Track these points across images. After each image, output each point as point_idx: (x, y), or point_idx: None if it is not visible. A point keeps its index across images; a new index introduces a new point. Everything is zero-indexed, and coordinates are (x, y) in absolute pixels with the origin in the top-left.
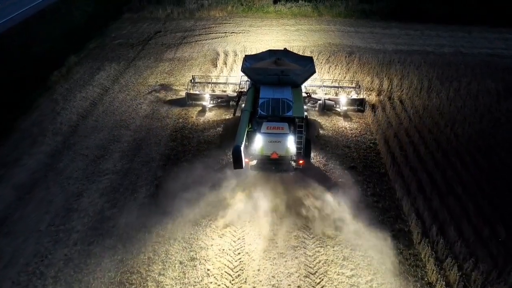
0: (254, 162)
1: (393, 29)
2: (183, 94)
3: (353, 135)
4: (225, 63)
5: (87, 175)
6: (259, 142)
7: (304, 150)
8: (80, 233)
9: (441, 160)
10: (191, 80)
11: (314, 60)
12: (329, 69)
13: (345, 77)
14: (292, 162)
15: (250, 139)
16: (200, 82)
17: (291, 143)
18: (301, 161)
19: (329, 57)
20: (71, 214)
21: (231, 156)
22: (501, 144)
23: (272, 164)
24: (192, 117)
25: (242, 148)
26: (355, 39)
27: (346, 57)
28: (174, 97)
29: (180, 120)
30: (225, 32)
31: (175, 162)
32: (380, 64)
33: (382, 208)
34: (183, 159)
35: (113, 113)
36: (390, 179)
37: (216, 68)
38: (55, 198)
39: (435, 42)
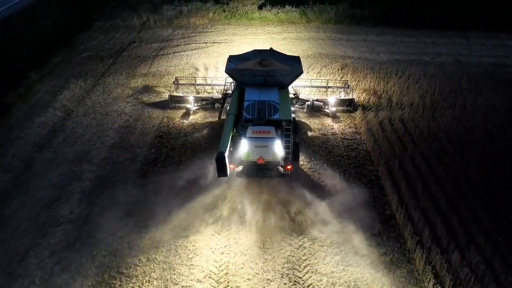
0: (240, 168)
1: (387, 36)
2: (158, 114)
3: (351, 165)
4: (204, 80)
5: (37, 226)
6: (244, 147)
7: (292, 154)
8: None
9: (455, 196)
10: (174, 82)
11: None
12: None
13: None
14: (280, 167)
15: (235, 144)
16: (183, 84)
17: (278, 148)
18: (289, 167)
19: (320, 70)
20: (13, 283)
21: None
22: None
23: (259, 170)
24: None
25: (226, 154)
26: (347, 48)
27: (339, 69)
28: (149, 112)
29: (155, 149)
30: (206, 42)
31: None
32: (376, 78)
33: (391, 262)
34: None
35: (75, 142)
36: (398, 223)
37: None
38: None
39: (432, 50)
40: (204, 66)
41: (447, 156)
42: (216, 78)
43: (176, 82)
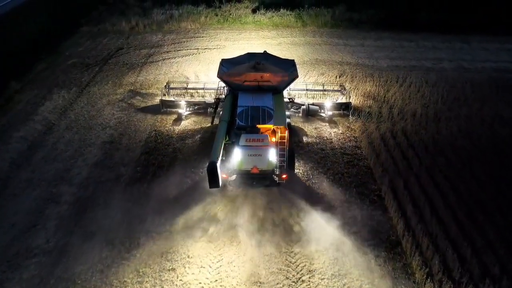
0: (233, 177)
1: (386, 41)
2: (146, 127)
3: (352, 184)
4: (196, 84)
5: (9, 257)
6: (237, 156)
7: (287, 162)
8: None
9: (466, 220)
10: (165, 86)
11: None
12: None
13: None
14: (275, 176)
15: (228, 152)
16: (175, 88)
17: (272, 157)
18: (284, 176)
19: (317, 78)
20: None
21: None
22: None
23: (253, 179)
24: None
25: (218, 164)
26: (344, 53)
27: (337, 77)
28: (136, 126)
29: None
30: (197, 48)
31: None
32: (376, 86)
33: None
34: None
35: (55, 159)
36: (405, 250)
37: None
38: None
39: (433, 55)
40: (194, 74)
41: (455, 173)
42: (208, 83)
43: (167, 86)
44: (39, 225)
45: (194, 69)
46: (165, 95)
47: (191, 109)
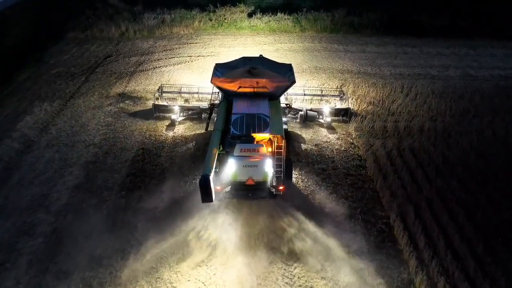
0: (228, 188)
1: (388, 47)
2: (133, 145)
3: (357, 209)
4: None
5: None
6: (232, 167)
7: (284, 172)
8: None
9: (485, 255)
10: (158, 90)
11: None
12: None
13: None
14: (271, 188)
15: (222, 163)
16: (168, 92)
17: (269, 167)
18: (281, 187)
19: (317, 88)
20: None
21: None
22: None
23: (248, 191)
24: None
25: (211, 177)
26: (345, 60)
27: (338, 87)
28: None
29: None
30: (190, 56)
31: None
32: (380, 97)
33: None
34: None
35: (32, 183)
36: None
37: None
38: None
39: (438, 62)
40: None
41: (470, 198)
42: (203, 87)
43: (160, 90)
44: (8, 263)
45: (187, 79)
46: (157, 98)
47: (184, 114)
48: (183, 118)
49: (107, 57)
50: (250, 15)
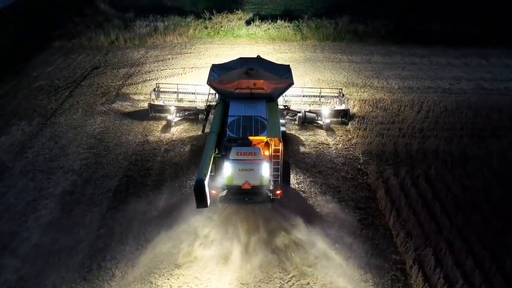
0: (224, 193)
1: (395, 57)
2: (117, 172)
3: (368, 252)
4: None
5: None
6: (227, 170)
7: (281, 176)
8: None
9: None
10: (154, 89)
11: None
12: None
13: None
14: (268, 192)
15: (217, 166)
16: (165, 91)
17: (266, 171)
18: (278, 191)
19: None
20: None
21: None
22: None
23: (245, 195)
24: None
25: (206, 182)
26: (349, 72)
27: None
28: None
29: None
30: (183, 68)
31: None
32: (389, 114)
33: None
34: None
35: (0, 218)
36: None
37: (169, 130)
38: None
39: (449, 73)
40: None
41: (495, 239)
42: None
43: (156, 90)
44: None
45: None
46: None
47: (181, 114)
48: (179, 118)
49: (94, 68)
50: (248, 23)
